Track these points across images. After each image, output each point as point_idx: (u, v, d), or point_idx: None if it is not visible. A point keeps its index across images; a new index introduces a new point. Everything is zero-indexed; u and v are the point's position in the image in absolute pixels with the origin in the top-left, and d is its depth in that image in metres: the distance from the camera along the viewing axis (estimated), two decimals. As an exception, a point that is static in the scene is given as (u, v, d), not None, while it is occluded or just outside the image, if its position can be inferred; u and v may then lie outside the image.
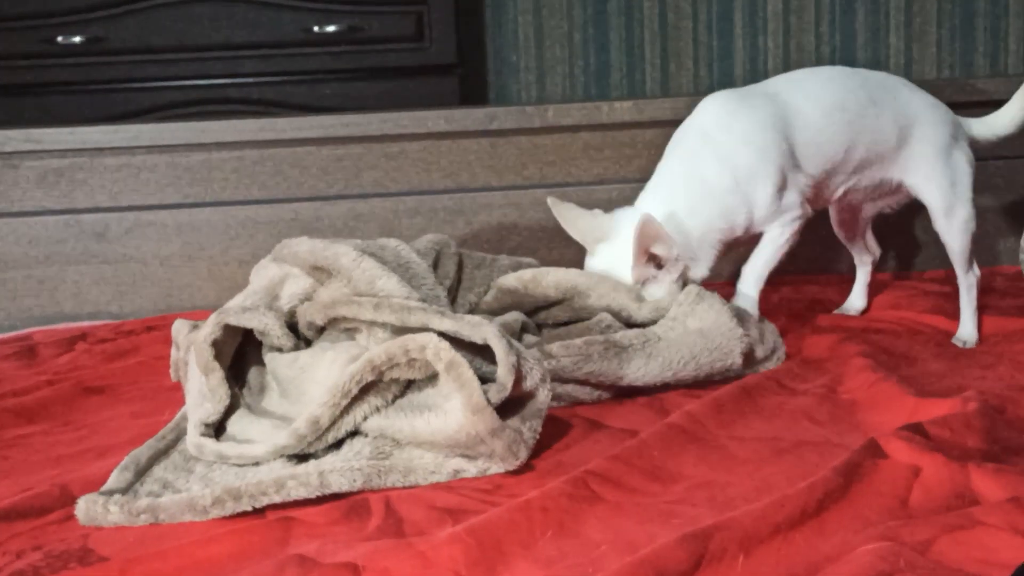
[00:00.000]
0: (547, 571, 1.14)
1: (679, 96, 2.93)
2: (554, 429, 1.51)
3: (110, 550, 1.23)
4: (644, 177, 1.91)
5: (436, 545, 1.16)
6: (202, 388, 1.51)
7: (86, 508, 1.32)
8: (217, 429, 1.50)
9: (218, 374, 1.51)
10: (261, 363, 1.60)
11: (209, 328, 1.52)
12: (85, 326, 2.19)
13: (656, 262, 1.79)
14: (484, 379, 1.39)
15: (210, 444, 1.44)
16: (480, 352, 1.45)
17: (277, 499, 1.32)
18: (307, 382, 1.50)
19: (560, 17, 3.85)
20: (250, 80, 3.52)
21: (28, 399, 1.76)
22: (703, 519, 1.19)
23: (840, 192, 1.93)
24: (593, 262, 1.85)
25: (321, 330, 1.62)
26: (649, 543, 1.14)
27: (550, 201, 1.91)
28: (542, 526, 1.22)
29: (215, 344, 1.52)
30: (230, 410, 1.52)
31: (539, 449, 1.46)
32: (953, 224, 1.92)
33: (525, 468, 1.40)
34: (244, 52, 3.51)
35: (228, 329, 1.55)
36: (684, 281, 1.81)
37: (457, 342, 1.43)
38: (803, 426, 1.52)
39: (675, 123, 1.93)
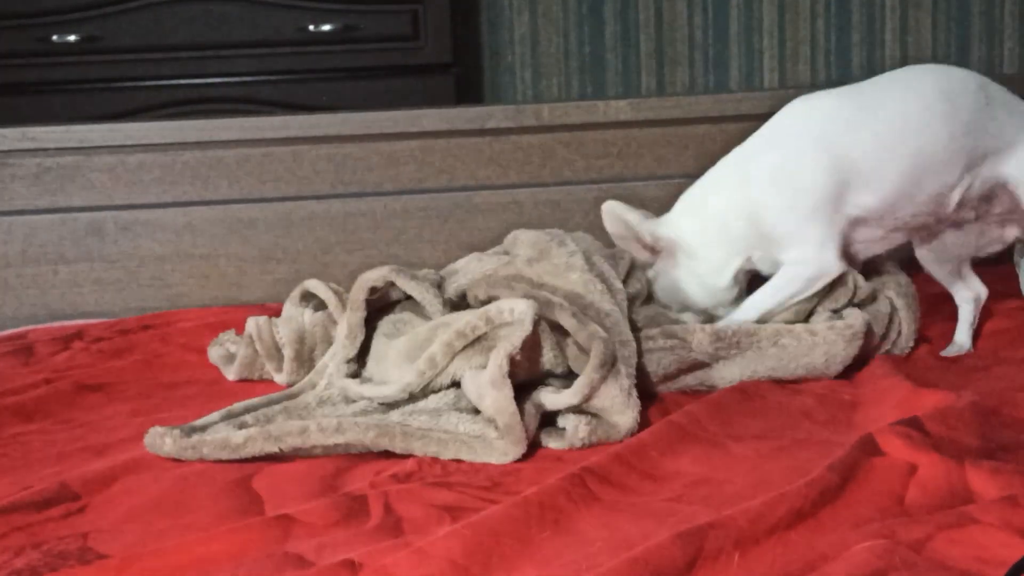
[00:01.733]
0: (543, 568, 1.14)
1: (675, 95, 2.94)
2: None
3: (109, 548, 1.23)
4: (641, 176, 1.92)
5: (434, 542, 1.17)
6: (342, 331, 1.64)
7: (150, 439, 1.48)
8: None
9: (360, 315, 1.62)
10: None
11: (376, 274, 1.63)
12: (81, 324, 2.19)
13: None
14: None
15: (353, 385, 1.57)
16: None
17: (299, 443, 1.44)
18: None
19: (555, 16, 3.85)
20: (245, 79, 3.52)
21: (26, 397, 1.76)
22: (700, 518, 1.20)
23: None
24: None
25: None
26: (645, 541, 1.15)
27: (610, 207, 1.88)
28: (539, 523, 1.22)
29: (372, 290, 1.64)
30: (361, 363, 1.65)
31: (537, 446, 1.46)
32: None
33: (522, 466, 1.41)
34: (239, 51, 3.51)
35: (387, 284, 1.65)
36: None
37: None
38: (802, 426, 1.52)
39: (671, 122, 1.94)
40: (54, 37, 3.45)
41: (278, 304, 2.23)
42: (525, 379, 1.51)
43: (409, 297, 1.68)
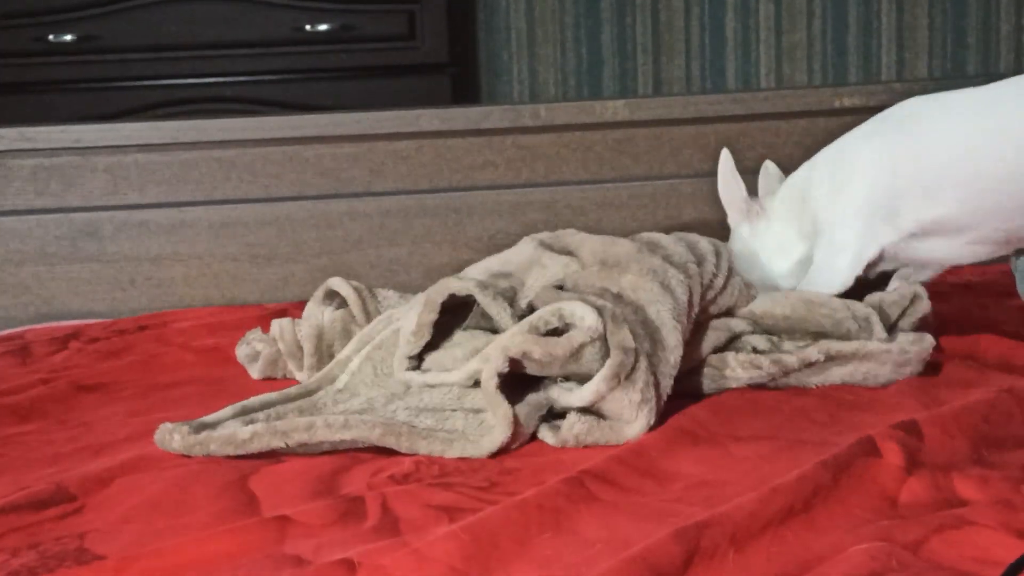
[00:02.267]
0: (542, 569, 1.14)
1: (671, 95, 2.94)
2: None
3: (106, 549, 1.23)
4: (637, 176, 1.92)
5: (432, 542, 1.17)
6: (410, 327, 1.63)
7: (159, 435, 1.48)
8: None
9: (433, 316, 1.61)
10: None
11: (460, 285, 1.62)
12: (78, 324, 2.19)
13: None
14: None
15: (416, 376, 1.57)
16: None
17: (306, 438, 1.44)
18: None
19: (552, 16, 3.86)
20: (242, 79, 3.53)
21: (22, 397, 1.75)
22: (698, 518, 1.20)
23: None
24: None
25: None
26: (645, 542, 1.15)
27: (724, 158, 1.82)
28: (539, 524, 1.22)
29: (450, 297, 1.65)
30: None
31: (535, 448, 1.47)
32: None
33: (521, 466, 1.41)
34: (236, 51, 3.51)
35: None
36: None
37: None
38: (803, 426, 1.52)
39: (668, 122, 1.94)
40: (51, 36, 3.45)
41: (276, 304, 2.24)
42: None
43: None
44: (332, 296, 1.85)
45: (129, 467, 1.45)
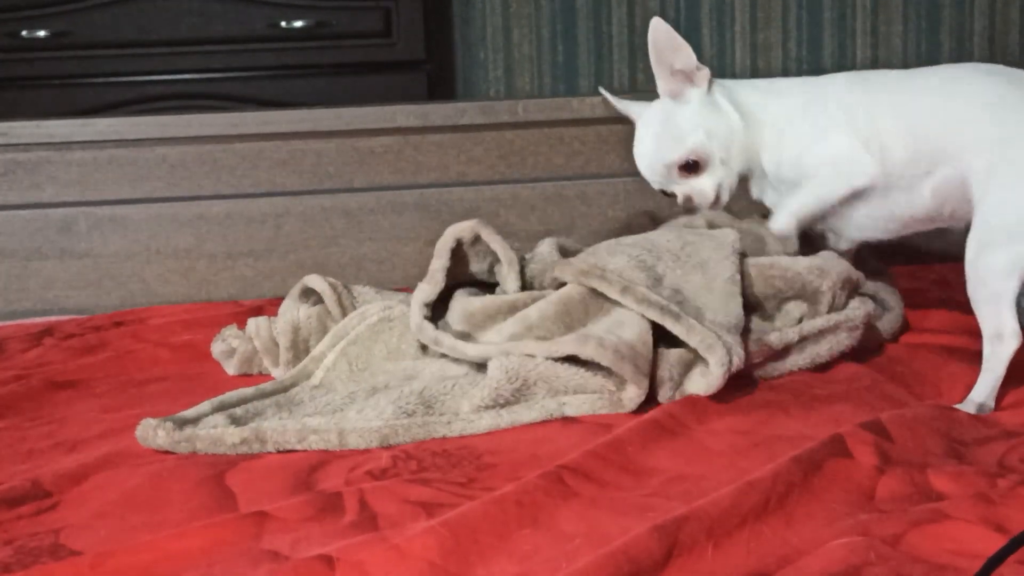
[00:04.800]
0: (521, 564, 1.14)
1: (647, 92, 2.94)
2: (528, 425, 1.53)
3: (82, 544, 1.23)
4: (615, 172, 1.92)
5: (411, 538, 1.16)
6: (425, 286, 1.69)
7: (142, 431, 1.48)
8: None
9: (443, 262, 1.68)
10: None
11: (468, 225, 1.71)
12: (52, 321, 2.17)
13: (680, 76, 1.80)
14: None
15: (429, 329, 1.62)
16: None
17: (299, 447, 1.47)
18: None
19: (528, 13, 3.86)
20: (217, 75, 3.51)
21: (-4, 394, 1.75)
22: (677, 512, 1.20)
23: None
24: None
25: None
26: (624, 536, 1.15)
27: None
28: (517, 520, 1.22)
29: (459, 242, 1.71)
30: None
31: (512, 444, 1.47)
32: None
33: (498, 462, 1.41)
34: (211, 47, 3.50)
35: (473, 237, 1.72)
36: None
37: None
38: (778, 421, 1.52)
39: (645, 118, 1.93)
40: (24, 32, 3.43)
41: (252, 301, 2.23)
42: None
43: (478, 284, 1.76)
44: (308, 293, 1.85)
45: (104, 463, 1.44)
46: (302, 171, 2.32)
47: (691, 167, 1.82)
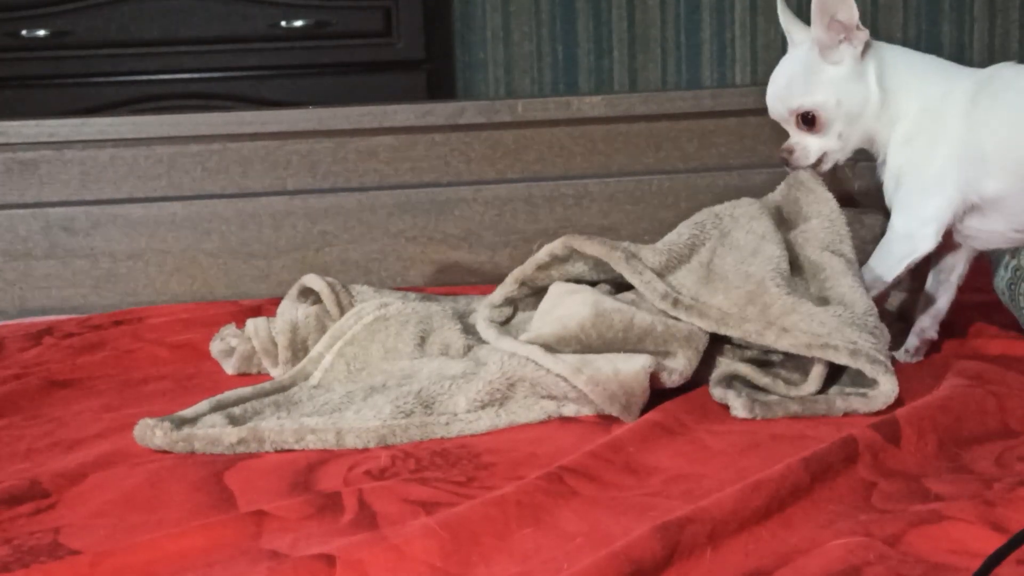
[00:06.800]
0: (522, 564, 1.14)
1: (647, 91, 2.94)
2: (526, 425, 1.53)
3: (81, 543, 1.22)
4: (615, 172, 1.92)
5: (410, 538, 1.16)
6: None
7: (139, 431, 1.48)
8: None
9: (517, 275, 1.76)
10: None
11: (559, 242, 1.73)
12: (52, 320, 2.17)
13: (839, 29, 1.73)
14: None
15: (492, 331, 1.67)
16: None
17: (297, 447, 1.47)
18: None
19: (527, 13, 3.85)
20: (217, 75, 3.51)
21: (-5, 393, 1.74)
22: (678, 512, 1.20)
23: None
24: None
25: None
26: (626, 536, 1.15)
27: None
28: (518, 519, 1.22)
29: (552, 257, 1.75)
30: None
31: (511, 443, 1.46)
32: None
33: (497, 462, 1.41)
34: (211, 47, 3.50)
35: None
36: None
37: None
38: (778, 420, 1.52)
39: (644, 118, 1.93)
40: (23, 32, 3.43)
41: (250, 301, 2.23)
42: None
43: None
44: (307, 293, 1.85)
45: (103, 462, 1.44)
46: (301, 171, 2.32)
47: (808, 121, 1.78)
